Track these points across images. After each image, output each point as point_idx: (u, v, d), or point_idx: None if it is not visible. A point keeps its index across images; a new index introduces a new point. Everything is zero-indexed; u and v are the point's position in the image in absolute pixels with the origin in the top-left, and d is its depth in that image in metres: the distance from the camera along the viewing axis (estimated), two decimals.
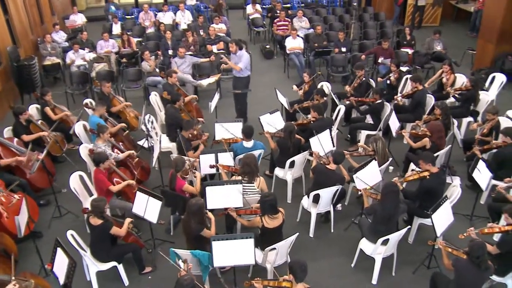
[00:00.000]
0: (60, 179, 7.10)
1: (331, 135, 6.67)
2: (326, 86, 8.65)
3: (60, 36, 11.89)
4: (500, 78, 8.85)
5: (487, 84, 9.06)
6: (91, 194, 6.20)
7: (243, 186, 5.43)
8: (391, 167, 7.09)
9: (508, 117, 7.73)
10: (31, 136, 6.99)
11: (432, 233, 5.13)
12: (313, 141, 6.35)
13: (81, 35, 11.45)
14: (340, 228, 6.21)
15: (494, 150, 6.53)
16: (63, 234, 4.92)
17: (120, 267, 5.19)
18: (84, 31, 12.00)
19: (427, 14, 15.17)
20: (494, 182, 6.15)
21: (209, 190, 5.34)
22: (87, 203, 5.90)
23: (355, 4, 14.83)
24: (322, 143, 6.27)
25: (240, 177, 5.61)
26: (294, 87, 8.68)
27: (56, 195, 6.46)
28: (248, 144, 6.46)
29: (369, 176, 5.72)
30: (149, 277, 5.45)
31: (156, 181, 7.03)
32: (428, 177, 5.57)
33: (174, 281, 4.11)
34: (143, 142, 7.36)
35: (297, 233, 5.00)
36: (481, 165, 5.77)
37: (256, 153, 6.27)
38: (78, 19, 13.52)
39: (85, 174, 6.20)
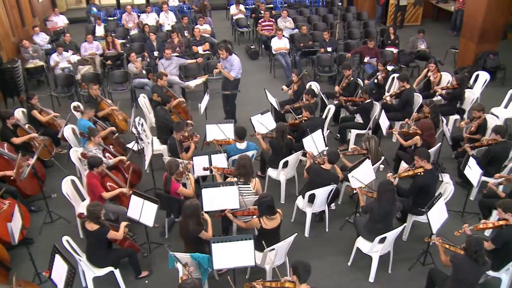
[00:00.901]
0: (49, 183, 6.97)
1: (323, 134, 6.71)
2: (315, 86, 8.69)
3: (41, 39, 11.66)
4: (484, 76, 9.03)
5: (471, 82, 9.22)
6: (83, 199, 6.11)
7: (239, 187, 5.42)
8: (381, 166, 7.16)
9: (493, 114, 7.91)
10: (21, 138, 6.87)
11: (426, 230, 5.20)
12: (306, 141, 6.37)
13: (64, 37, 11.28)
14: (335, 227, 6.24)
15: (484, 147, 6.63)
16: (56, 240, 4.85)
17: (117, 272, 5.10)
18: (67, 33, 11.80)
19: (409, 13, 15.37)
20: (483, 178, 6.25)
21: (205, 192, 5.31)
22: (79, 208, 5.81)
23: (339, 4, 14.91)
24: (315, 143, 6.30)
25: (235, 179, 5.59)
26: (284, 87, 8.69)
27: (46, 200, 6.34)
28: (242, 145, 6.45)
29: (363, 175, 5.75)
30: (146, 281, 5.38)
31: (148, 183, 6.96)
32: (422, 173, 5.64)
33: (171, 285, 4.07)
34: (132, 145, 7.27)
35: (296, 234, 5.00)
36: (472, 162, 5.87)
37: (249, 154, 6.25)
38: (60, 21, 13.28)
39: (76, 178, 6.09)
